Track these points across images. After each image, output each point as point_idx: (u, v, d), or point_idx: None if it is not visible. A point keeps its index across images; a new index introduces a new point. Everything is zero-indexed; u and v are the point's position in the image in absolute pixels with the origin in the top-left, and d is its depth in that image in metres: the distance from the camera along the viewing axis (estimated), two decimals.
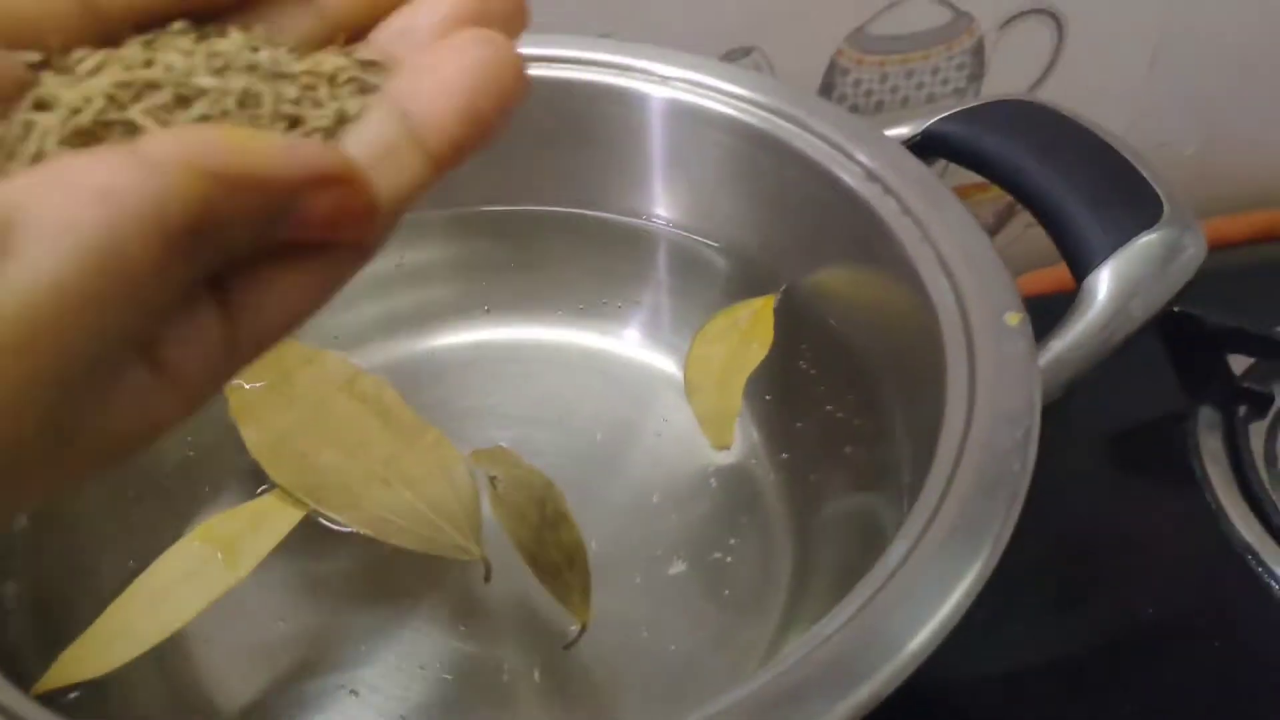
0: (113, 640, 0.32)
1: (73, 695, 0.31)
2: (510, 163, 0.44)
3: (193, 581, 0.33)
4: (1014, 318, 0.32)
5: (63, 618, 0.32)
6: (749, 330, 0.41)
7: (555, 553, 0.33)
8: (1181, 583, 0.44)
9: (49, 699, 0.30)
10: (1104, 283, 0.34)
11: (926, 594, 0.25)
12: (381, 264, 0.44)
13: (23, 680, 0.27)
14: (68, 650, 0.31)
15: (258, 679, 0.32)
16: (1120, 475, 0.48)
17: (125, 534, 0.35)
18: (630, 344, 0.42)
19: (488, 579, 0.34)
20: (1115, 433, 0.49)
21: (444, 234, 0.45)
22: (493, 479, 0.35)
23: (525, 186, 0.44)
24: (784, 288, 0.42)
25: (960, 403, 0.30)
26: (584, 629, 0.32)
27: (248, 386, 0.38)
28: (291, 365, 0.39)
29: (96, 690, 0.31)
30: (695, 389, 0.40)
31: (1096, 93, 0.59)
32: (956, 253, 0.34)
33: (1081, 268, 0.35)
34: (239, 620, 0.33)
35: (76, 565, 0.34)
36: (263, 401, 0.38)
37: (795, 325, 0.41)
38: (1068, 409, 0.33)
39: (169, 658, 0.32)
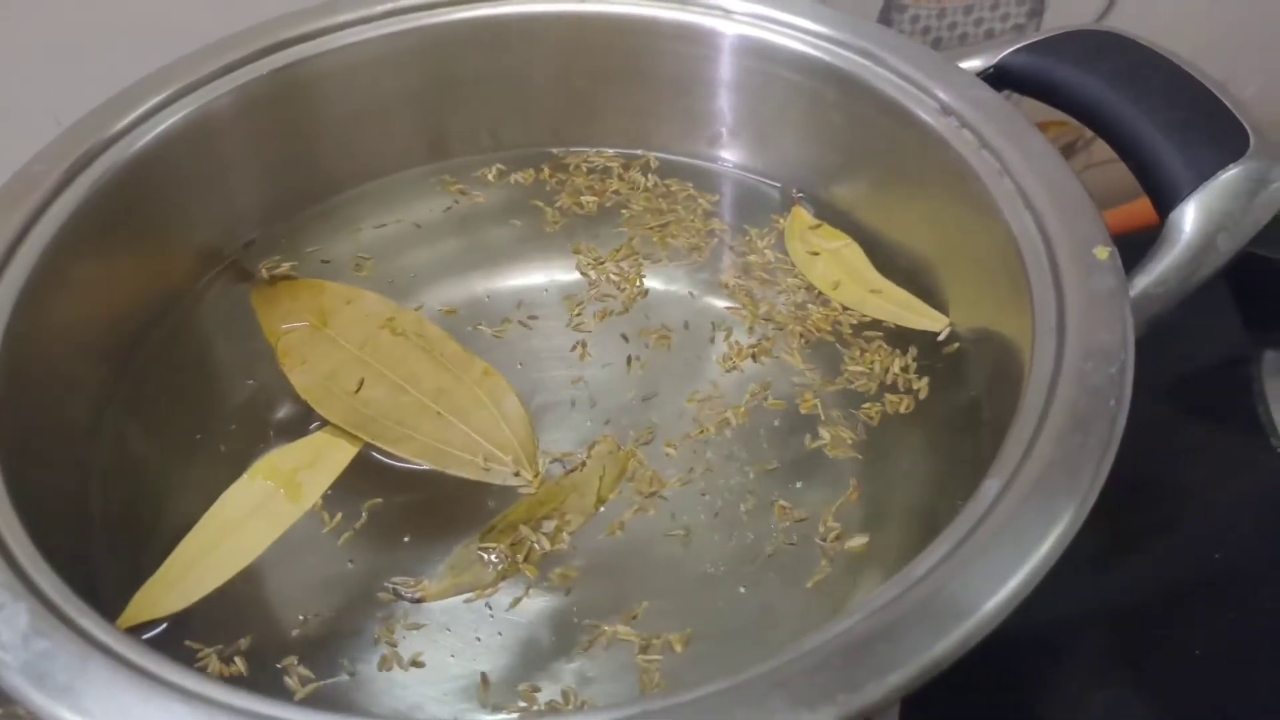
0: (186, 577, 0.32)
1: (154, 631, 0.31)
2: (570, 103, 0.43)
3: (259, 516, 0.34)
4: (1103, 251, 0.31)
5: (137, 554, 0.32)
6: (827, 237, 0.41)
7: None
8: (1245, 528, 0.43)
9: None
10: (1190, 217, 0.33)
11: (1023, 533, 0.25)
12: (440, 208, 0.43)
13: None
14: (144, 587, 0.31)
15: (326, 614, 0.32)
16: (1183, 418, 0.47)
17: (192, 473, 0.35)
18: (690, 281, 0.41)
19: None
20: (1178, 375, 0.48)
21: (503, 175, 0.44)
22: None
23: (585, 127, 0.43)
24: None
25: (1049, 338, 0.29)
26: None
27: (288, 328, 0.38)
28: (330, 306, 0.39)
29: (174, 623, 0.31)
30: (835, 287, 0.40)
31: (1156, 30, 0.58)
32: (1039, 186, 0.33)
33: (1166, 202, 0.34)
34: (306, 557, 0.33)
35: (146, 504, 0.34)
36: (306, 343, 0.38)
37: None
38: None
39: (238, 592, 0.32)
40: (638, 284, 0.41)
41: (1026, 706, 0.38)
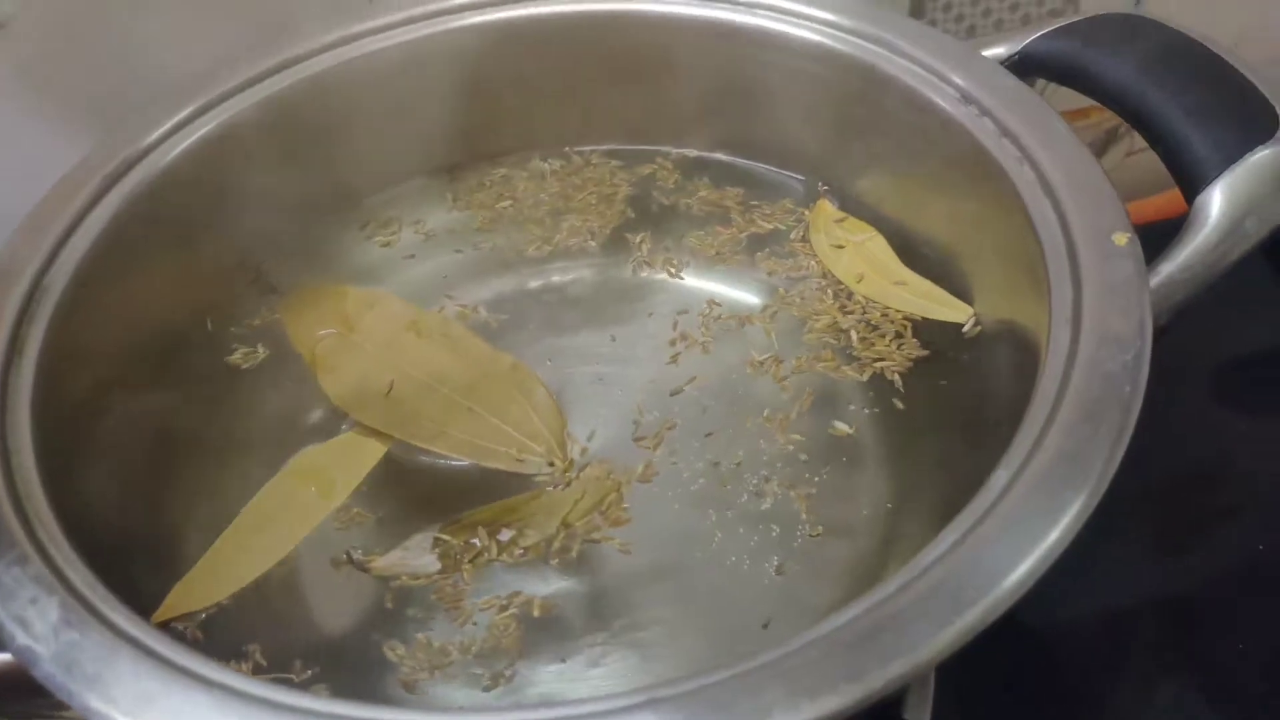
0: (222, 571, 0.33)
1: (188, 626, 0.32)
2: (585, 101, 0.43)
3: (292, 512, 0.35)
4: (1122, 238, 0.30)
5: (177, 550, 0.33)
6: (852, 230, 0.41)
7: None
8: None
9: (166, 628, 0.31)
10: (1216, 201, 0.32)
11: (1030, 524, 0.24)
12: (462, 210, 0.44)
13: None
14: (181, 581, 0.32)
15: (356, 610, 0.33)
16: (1226, 407, 0.46)
17: (229, 474, 0.36)
18: (716, 278, 0.41)
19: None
20: (1221, 363, 0.48)
21: (522, 175, 0.45)
22: None
23: (600, 125, 0.44)
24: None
25: (1064, 326, 0.29)
26: None
27: (316, 336, 0.39)
28: (353, 311, 0.40)
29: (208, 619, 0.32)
30: (859, 280, 0.39)
31: (1201, 7, 0.56)
32: (1059, 173, 0.32)
33: (1192, 187, 0.33)
34: (333, 550, 0.34)
35: (185, 503, 0.35)
36: (334, 350, 0.39)
37: None
38: (1171, 339, 0.32)
39: (272, 587, 0.33)
40: (671, 273, 0.41)
41: (1088, 695, 0.38)
